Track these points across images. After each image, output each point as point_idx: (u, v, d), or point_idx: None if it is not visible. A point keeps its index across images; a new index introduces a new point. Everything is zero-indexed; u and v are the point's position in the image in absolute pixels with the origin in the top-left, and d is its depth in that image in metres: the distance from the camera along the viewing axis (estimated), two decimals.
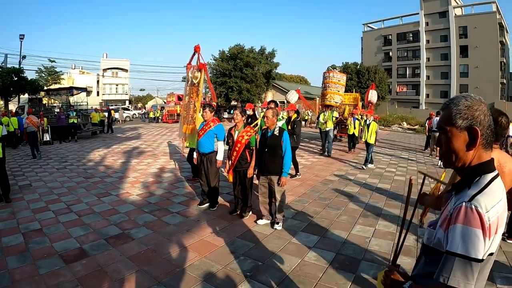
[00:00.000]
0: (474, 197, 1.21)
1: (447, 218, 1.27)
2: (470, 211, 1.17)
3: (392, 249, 4.46)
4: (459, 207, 1.21)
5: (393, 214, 5.90)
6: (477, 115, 1.27)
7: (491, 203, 1.19)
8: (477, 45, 44.31)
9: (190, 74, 7.98)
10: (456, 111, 1.30)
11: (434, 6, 48.46)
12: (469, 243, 1.14)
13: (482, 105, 1.29)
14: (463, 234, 1.16)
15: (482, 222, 1.15)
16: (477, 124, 1.27)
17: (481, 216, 1.15)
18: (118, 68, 61.68)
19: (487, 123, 1.28)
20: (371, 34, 58.58)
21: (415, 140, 21.20)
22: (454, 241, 1.18)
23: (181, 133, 8.08)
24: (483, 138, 1.28)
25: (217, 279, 3.64)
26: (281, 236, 4.85)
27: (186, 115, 7.87)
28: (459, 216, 1.19)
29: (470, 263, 1.14)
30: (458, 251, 1.16)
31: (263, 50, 39.01)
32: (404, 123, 33.34)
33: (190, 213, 5.81)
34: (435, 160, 12.26)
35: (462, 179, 1.34)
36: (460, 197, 1.27)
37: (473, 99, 1.30)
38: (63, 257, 4.05)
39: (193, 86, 7.94)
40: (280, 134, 5.06)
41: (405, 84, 53.53)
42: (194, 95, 7.84)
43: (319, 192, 7.35)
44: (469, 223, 1.16)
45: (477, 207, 1.17)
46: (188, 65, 8.20)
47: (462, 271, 1.14)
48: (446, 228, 1.26)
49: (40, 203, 6.22)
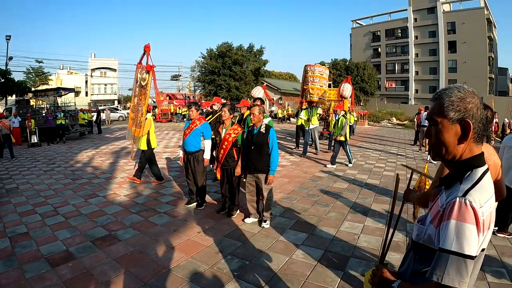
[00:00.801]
0: (468, 191, 1.17)
1: (439, 213, 1.24)
2: (464, 207, 1.14)
3: (381, 245, 4.48)
4: (452, 202, 1.17)
5: (382, 210, 5.93)
6: (470, 107, 1.24)
7: (484, 198, 1.17)
8: (465, 40, 44.78)
9: (139, 75, 7.71)
10: (449, 103, 1.25)
11: (422, 2, 48.87)
12: (463, 240, 1.11)
13: (475, 98, 1.25)
14: (457, 230, 1.12)
15: (476, 217, 1.12)
16: (470, 117, 1.23)
17: (476, 212, 1.12)
18: (107, 68, 61.03)
19: (479, 117, 1.25)
20: (359, 30, 58.89)
21: (404, 135, 21.38)
22: (448, 238, 1.14)
23: (130, 135, 7.83)
24: (475, 132, 1.24)
25: (204, 279, 3.61)
26: (269, 234, 4.84)
27: (135, 117, 7.65)
28: (453, 211, 1.15)
29: (464, 260, 1.10)
30: (452, 248, 1.12)
31: (252, 47, 39.01)
32: (394, 118, 33.60)
33: (178, 213, 5.78)
34: (424, 155, 12.37)
35: (452, 173, 1.30)
36: (451, 192, 1.24)
37: (466, 90, 1.27)
38: (49, 261, 3.99)
39: (141, 88, 7.69)
40: (267, 131, 5.03)
41: (394, 79, 53.92)
42: (142, 97, 7.62)
43: (307, 189, 7.35)
44: (464, 219, 1.12)
45: (471, 202, 1.14)
46: (138, 65, 7.94)
47: (456, 268, 1.11)
48: (437, 224, 1.22)
49: (27, 206, 6.13)
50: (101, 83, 61.21)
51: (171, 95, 42.62)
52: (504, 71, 55.07)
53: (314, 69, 14.18)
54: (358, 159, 11.57)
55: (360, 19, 59.68)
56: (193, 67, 42.64)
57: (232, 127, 5.56)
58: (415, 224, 1.43)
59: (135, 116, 7.64)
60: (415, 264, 1.37)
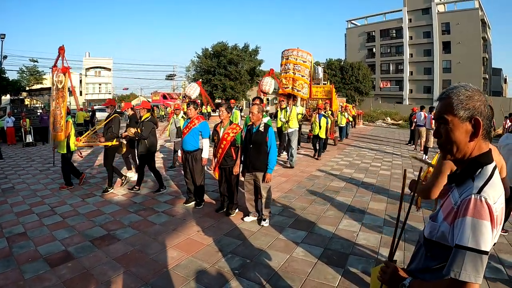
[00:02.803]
0: (482, 188, 1.19)
1: (452, 211, 1.25)
2: (480, 203, 1.15)
3: (380, 242, 4.53)
4: (467, 199, 1.18)
5: (380, 208, 5.96)
6: (478, 105, 1.25)
7: (496, 195, 1.19)
8: (460, 41, 45.06)
9: (55, 78, 7.39)
10: (458, 101, 1.27)
11: (417, 2, 49.11)
12: (479, 236, 1.12)
13: (481, 96, 1.27)
14: (473, 227, 1.13)
15: (491, 214, 1.14)
16: (479, 114, 1.25)
17: (490, 208, 1.14)
18: (101, 67, 60.67)
19: (487, 114, 1.26)
20: (354, 30, 59.05)
21: (399, 135, 21.50)
22: (464, 234, 1.15)
23: (51, 141, 7.39)
24: (484, 129, 1.25)
25: (205, 277, 3.61)
26: (268, 232, 4.85)
27: (54, 121, 7.33)
28: (469, 208, 1.16)
29: (480, 256, 1.12)
30: (468, 245, 1.13)
31: (247, 47, 39.02)
32: (388, 118, 33.78)
33: (176, 212, 5.76)
34: (419, 154, 12.44)
35: (463, 171, 1.31)
36: (464, 189, 1.25)
37: (473, 89, 1.28)
38: (48, 261, 3.96)
39: (58, 90, 7.39)
40: (265, 130, 5.04)
41: (389, 80, 54.15)
42: (60, 100, 7.34)
43: (305, 187, 7.38)
44: (479, 216, 1.14)
45: (486, 198, 1.15)
46: (54, 68, 7.53)
47: (473, 264, 1.12)
48: (451, 221, 1.23)
49: (24, 206, 6.08)
50: (96, 82, 60.87)
51: (166, 94, 42.47)
52: (498, 71, 55.54)
53: (290, 54, 11.45)
54: (354, 158, 11.63)
55: (355, 19, 59.84)
56: (188, 66, 42.62)
57: (231, 126, 5.55)
58: (428, 221, 1.43)
59: (55, 120, 7.31)
60: (426, 261, 1.37)
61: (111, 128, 7.05)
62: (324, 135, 11.14)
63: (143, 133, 6.59)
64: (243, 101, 38.81)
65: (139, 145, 6.82)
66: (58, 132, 7.12)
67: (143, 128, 6.64)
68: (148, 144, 6.72)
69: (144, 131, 6.61)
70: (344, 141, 16.56)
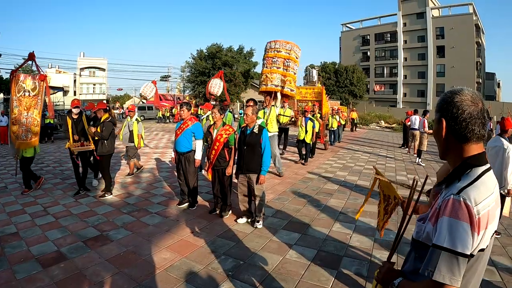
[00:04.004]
0: (463, 189, 1.18)
1: (436, 211, 1.25)
2: (457, 204, 1.15)
3: (374, 244, 4.56)
4: (447, 199, 1.19)
5: (373, 211, 5.97)
6: (446, 107, 1.29)
7: (481, 196, 1.17)
8: (454, 45, 45.52)
9: (23, 84, 6.98)
10: (440, 104, 1.33)
11: (412, 7, 49.52)
12: (456, 237, 1.12)
13: (456, 97, 1.28)
14: (450, 227, 1.14)
15: (470, 215, 1.13)
16: (445, 115, 1.29)
17: (470, 209, 1.13)
18: (96, 67, 60.29)
19: (460, 115, 1.25)
20: (349, 34, 59.40)
21: (393, 138, 21.61)
22: (441, 234, 1.15)
23: (14, 150, 7.05)
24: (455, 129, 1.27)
25: (198, 279, 3.61)
26: (262, 234, 4.86)
27: (18, 130, 6.89)
28: (447, 208, 1.17)
29: (456, 257, 1.11)
30: (444, 245, 1.13)
31: (242, 49, 39.12)
32: (382, 121, 33.96)
33: (170, 213, 5.76)
34: (413, 158, 12.51)
35: (452, 172, 1.32)
36: (449, 190, 1.25)
37: (452, 92, 1.31)
38: (41, 261, 3.93)
39: (29, 97, 7.03)
40: (260, 132, 5.05)
41: (383, 83, 54.53)
42: (32, 108, 7.04)
43: (299, 190, 7.40)
44: (457, 216, 1.13)
45: (465, 199, 1.15)
46: (13, 72, 7.15)
47: (448, 265, 1.12)
48: (435, 221, 1.23)
49: (16, 206, 6.03)
50: (90, 82, 60.48)
51: (161, 95, 42.32)
52: (492, 76, 56.13)
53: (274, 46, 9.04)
54: (347, 161, 11.67)
55: (350, 23, 60.20)
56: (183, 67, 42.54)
57: (224, 127, 5.55)
58: (416, 222, 1.44)
59: (19, 128, 6.91)
60: (415, 262, 1.38)
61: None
62: (310, 140, 10.61)
63: (104, 133, 6.65)
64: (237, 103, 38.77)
65: (98, 146, 6.80)
66: (28, 140, 6.91)
67: (103, 128, 6.68)
68: (108, 146, 6.78)
69: (105, 131, 6.66)
70: (337, 144, 16.54)
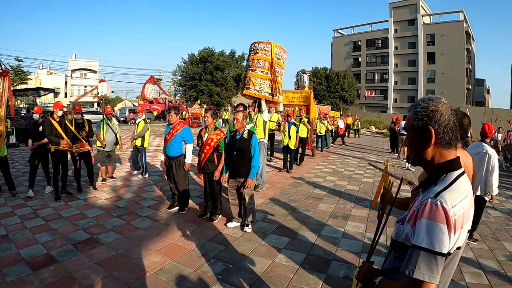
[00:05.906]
0: (440, 193, 1.26)
1: (414, 213, 1.32)
2: (435, 207, 1.22)
3: (362, 248, 4.63)
4: (425, 202, 1.26)
5: (362, 215, 6.07)
6: (432, 115, 1.35)
7: (456, 199, 1.25)
8: (444, 52, 46.18)
9: None
10: (414, 113, 1.40)
11: (403, 14, 50.14)
12: (434, 237, 1.19)
13: (439, 105, 1.35)
14: (428, 228, 1.21)
15: (447, 217, 1.20)
16: (432, 123, 1.34)
17: (446, 212, 1.21)
18: (87, 69, 59.74)
19: (445, 122, 1.34)
20: (341, 39, 59.92)
21: (383, 143, 21.78)
22: (420, 235, 1.22)
23: None
24: (441, 137, 1.35)
25: (188, 282, 3.64)
26: (251, 238, 4.90)
27: None
28: (425, 211, 1.24)
29: (434, 256, 1.19)
30: (423, 245, 1.20)
31: (233, 53, 39.24)
32: (372, 127, 34.32)
33: (160, 217, 5.77)
34: (403, 162, 12.65)
35: (429, 177, 1.39)
36: (426, 194, 1.32)
37: (431, 100, 1.38)
38: (30, 264, 3.92)
39: None
40: (249, 137, 5.08)
41: (374, 89, 55.04)
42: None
43: (288, 194, 7.46)
44: (434, 218, 1.21)
45: (442, 203, 1.22)
46: None
47: (427, 264, 1.19)
48: (413, 223, 1.30)
49: (6, 208, 5.99)
50: (81, 84, 59.92)
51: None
52: (481, 82, 57.02)
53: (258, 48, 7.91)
54: (337, 165, 11.78)
55: (342, 29, 60.75)
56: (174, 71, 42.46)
57: (215, 131, 5.56)
58: (395, 224, 1.52)
59: None
60: (395, 261, 1.46)
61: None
62: (293, 145, 10.22)
63: (90, 132, 7.35)
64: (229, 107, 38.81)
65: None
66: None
67: (90, 127, 7.39)
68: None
69: (90, 129, 7.36)
70: (325, 149, 16.35)
